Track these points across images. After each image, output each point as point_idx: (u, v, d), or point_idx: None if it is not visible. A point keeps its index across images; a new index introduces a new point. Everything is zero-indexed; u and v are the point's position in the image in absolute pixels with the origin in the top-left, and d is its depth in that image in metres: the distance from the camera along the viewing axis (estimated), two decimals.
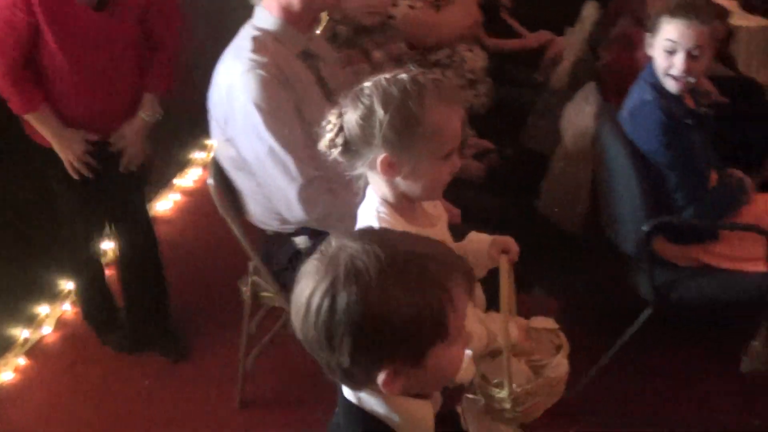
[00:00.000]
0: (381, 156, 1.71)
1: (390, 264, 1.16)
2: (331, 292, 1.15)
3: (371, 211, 1.80)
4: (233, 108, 2.37)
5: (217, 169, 2.54)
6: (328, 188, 2.42)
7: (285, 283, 2.55)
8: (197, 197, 4.05)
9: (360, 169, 1.77)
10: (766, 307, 2.70)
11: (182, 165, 4.31)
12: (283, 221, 2.50)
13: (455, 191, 2.85)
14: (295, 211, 2.40)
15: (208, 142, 4.22)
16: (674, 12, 2.56)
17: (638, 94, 2.71)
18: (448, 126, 1.72)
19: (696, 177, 2.68)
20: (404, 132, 1.68)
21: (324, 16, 2.95)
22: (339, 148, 1.73)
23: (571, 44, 3.65)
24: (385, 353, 1.19)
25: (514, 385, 1.71)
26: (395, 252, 1.18)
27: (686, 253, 2.70)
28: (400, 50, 3.13)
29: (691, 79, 2.62)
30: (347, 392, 1.31)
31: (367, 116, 1.69)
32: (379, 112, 1.67)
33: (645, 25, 2.78)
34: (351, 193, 2.49)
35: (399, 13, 3.20)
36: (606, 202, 2.85)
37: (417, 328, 1.17)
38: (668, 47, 2.57)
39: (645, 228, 2.56)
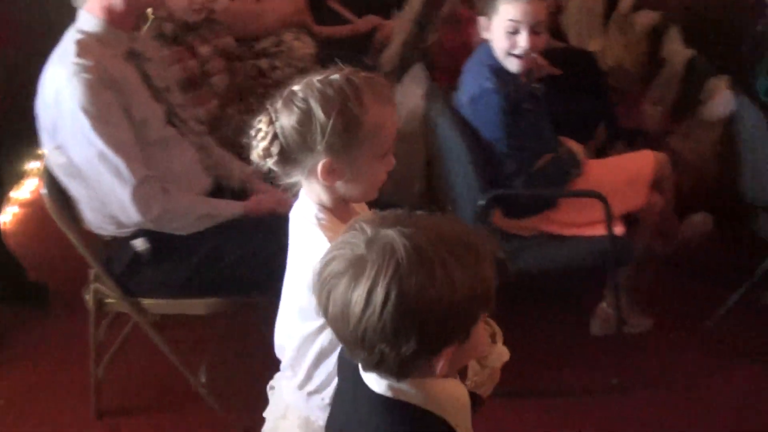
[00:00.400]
0: (322, 162, 1.77)
1: (442, 245, 1.28)
2: (398, 281, 1.24)
3: (309, 218, 1.85)
4: (61, 114, 2.59)
5: (49, 178, 2.74)
6: (162, 188, 2.69)
7: (128, 287, 2.81)
8: (35, 208, 4.31)
9: (295, 177, 1.84)
10: (609, 269, 3.16)
11: (18, 176, 4.54)
12: (120, 225, 2.74)
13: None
14: (131, 213, 2.65)
15: (41, 151, 4.41)
16: None
17: (477, 80, 3.03)
18: (386, 124, 1.80)
19: (529, 154, 3.08)
20: (346, 135, 1.75)
21: (149, 15, 3.18)
22: (274, 158, 1.78)
23: (398, 27, 4.05)
24: (451, 335, 1.31)
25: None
26: (441, 232, 1.30)
27: (526, 224, 3.13)
28: (226, 44, 3.43)
29: (534, 55, 3.02)
30: (378, 387, 1.40)
31: (306, 121, 1.75)
32: (320, 116, 1.74)
33: (474, 4, 3.17)
34: (185, 191, 2.78)
35: (219, 7, 3.49)
36: (441, 179, 3.24)
37: (475, 305, 1.31)
38: (510, 27, 2.92)
39: (481, 202, 2.94)
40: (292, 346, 1.93)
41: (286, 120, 1.76)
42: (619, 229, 3.08)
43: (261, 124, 1.79)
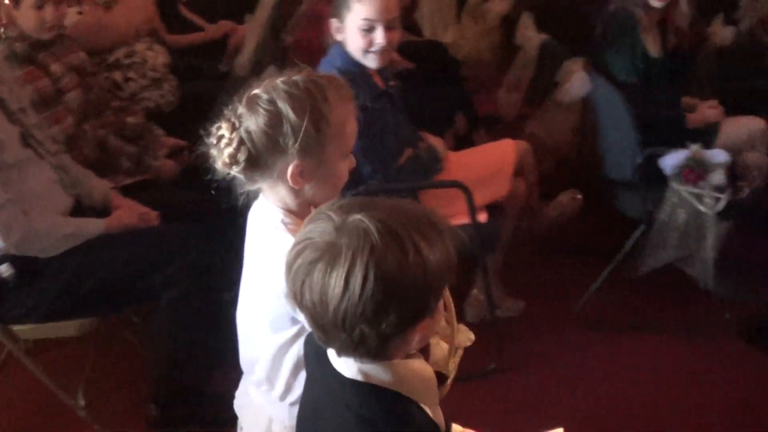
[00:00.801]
0: (293, 164, 1.78)
1: (409, 224, 1.36)
2: (375, 261, 1.31)
3: (274, 223, 1.84)
4: None
5: None
6: (22, 210, 2.67)
7: None
8: None
9: (260, 183, 1.83)
10: (477, 256, 3.28)
11: None
12: None
13: (150, 194, 3.21)
14: None
15: None
16: None
17: None
18: (349, 123, 1.83)
19: (387, 154, 3.14)
20: (317, 135, 1.76)
21: (0, 36, 3.17)
22: (241, 165, 1.77)
23: (250, 31, 4.08)
24: (425, 307, 1.40)
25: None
26: (405, 212, 1.39)
27: None
28: (78, 59, 3.40)
29: (392, 50, 3.09)
30: (350, 371, 1.46)
31: (276, 123, 1.75)
32: (292, 117, 1.74)
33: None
34: (46, 212, 2.77)
35: (68, 22, 3.45)
36: None
37: (444, 276, 1.39)
38: (365, 26, 2.97)
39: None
40: (265, 358, 1.92)
41: (253, 124, 1.76)
42: (482, 217, 3.20)
43: (223, 131, 1.77)
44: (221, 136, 1.78)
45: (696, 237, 3.45)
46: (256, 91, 1.79)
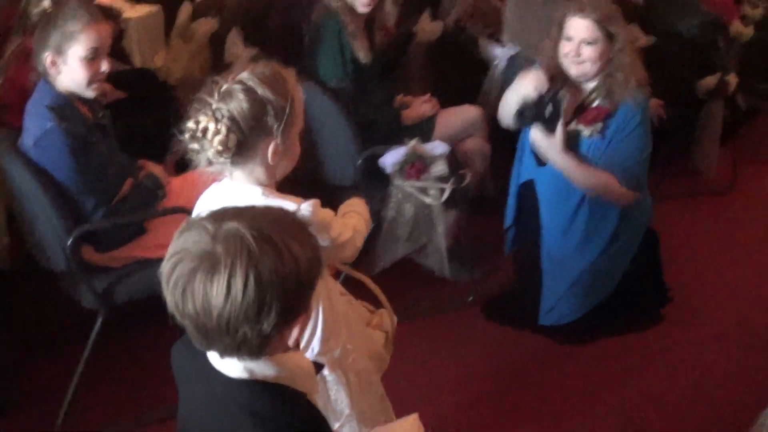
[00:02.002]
0: (274, 142, 2.08)
1: (280, 227, 1.51)
2: (253, 266, 1.44)
3: (255, 197, 2.11)
4: None
5: None
6: None
7: None
8: None
9: (241, 166, 2.11)
10: None
11: None
12: None
13: None
14: None
15: None
16: None
17: (38, 121, 3.04)
18: (302, 101, 2.15)
19: (108, 186, 3.16)
20: (290, 114, 2.08)
21: None
22: (232, 150, 2.04)
23: None
24: (302, 304, 1.55)
25: None
26: (274, 217, 1.54)
27: (119, 254, 3.22)
28: None
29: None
30: (235, 371, 1.58)
31: (260, 107, 2.05)
32: (273, 99, 2.05)
33: None
34: None
35: None
36: (27, 228, 3.25)
37: (314, 273, 1.55)
38: (91, 55, 2.99)
39: (69, 242, 3.00)
40: None
41: (237, 111, 2.02)
42: None
43: (205, 124, 2.02)
44: (206, 129, 2.02)
45: (426, 228, 3.67)
46: (226, 85, 2.05)
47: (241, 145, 2.06)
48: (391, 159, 3.55)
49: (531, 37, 4.00)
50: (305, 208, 2.14)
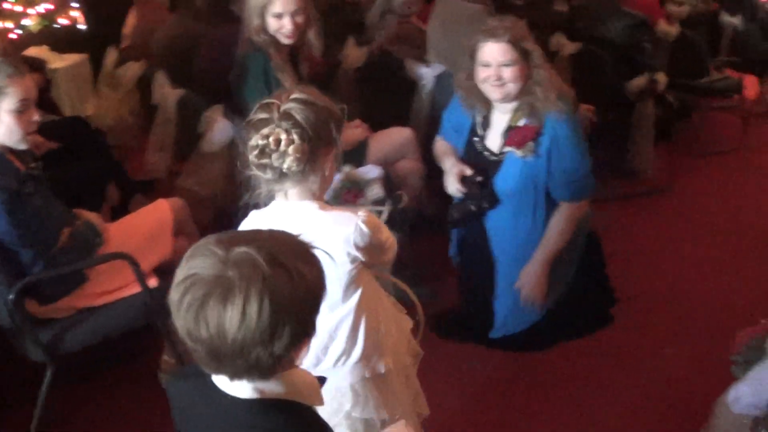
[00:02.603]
0: (334, 150, 2.27)
1: (289, 251, 1.56)
2: (267, 290, 1.49)
3: (312, 212, 2.26)
4: None
5: None
6: None
7: None
8: None
9: (305, 177, 2.22)
10: (156, 322, 3.39)
11: None
12: None
13: None
14: None
15: None
16: None
17: None
18: None
19: (45, 237, 3.21)
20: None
21: None
22: (307, 156, 2.17)
23: None
24: (310, 325, 1.61)
25: None
26: (282, 241, 1.59)
27: (62, 305, 3.27)
28: None
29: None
30: (245, 392, 1.62)
31: (324, 116, 2.20)
32: (333, 109, 2.24)
33: None
34: None
35: None
36: None
37: (321, 294, 1.61)
38: (21, 107, 3.04)
39: (10, 297, 3.05)
40: (343, 333, 2.41)
41: (305, 120, 2.16)
42: (153, 282, 3.34)
43: (276, 135, 2.14)
44: (278, 140, 2.14)
45: None
46: (283, 105, 2.18)
47: (313, 152, 2.20)
48: None
49: (456, 56, 4.10)
50: (362, 216, 2.30)
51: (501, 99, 3.60)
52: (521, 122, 3.62)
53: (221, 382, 1.66)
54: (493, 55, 3.49)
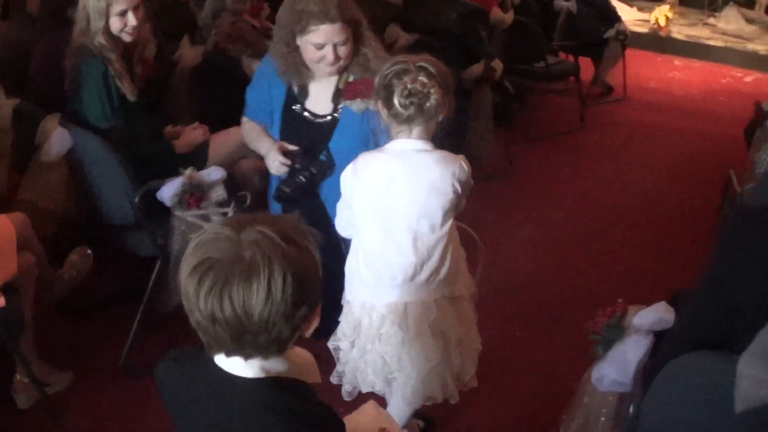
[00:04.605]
0: (448, 101, 3.01)
1: (293, 228, 1.78)
2: (287, 264, 1.70)
3: (425, 150, 3.01)
4: None
5: None
6: None
7: None
8: None
9: (425, 119, 2.96)
10: (6, 342, 3.45)
11: None
12: None
13: None
14: None
15: None
16: None
17: None
18: None
19: None
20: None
21: None
22: (442, 98, 2.94)
23: None
24: (320, 294, 1.82)
25: None
26: (283, 222, 1.80)
27: None
28: None
29: None
30: (251, 371, 1.81)
31: (447, 72, 3.01)
32: (449, 75, 3.02)
33: None
34: None
35: None
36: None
37: (320, 265, 1.81)
38: None
39: None
40: (437, 252, 3.05)
41: (439, 73, 2.95)
42: (0, 302, 3.39)
43: (423, 80, 2.90)
44: (424, 83, 2.90)
45: None
46: (418, 63, 2.95)
47: (443, 98, 2.95)
48: (168, 191, 3.74)
49: None
50: (462, 157, 3.09)
51: (334, 73, 3.70)
52: (351, 79, 3.72)
53: (226, 363, 1.83)
54: (329, 36, 3.55)
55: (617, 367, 2.74)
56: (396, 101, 2.94)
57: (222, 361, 1.84)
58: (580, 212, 5.60)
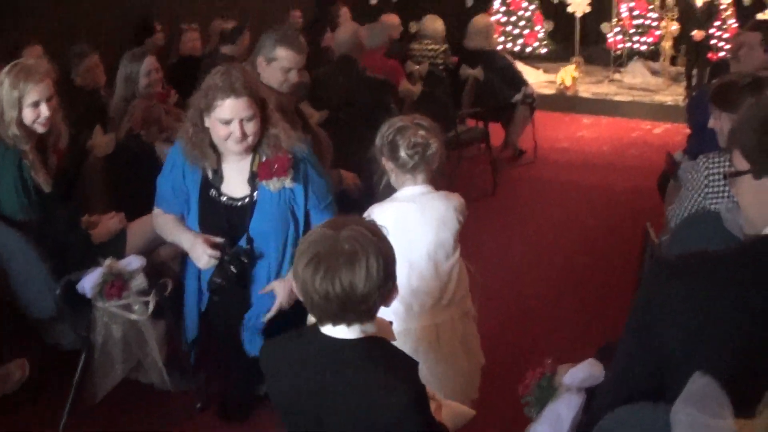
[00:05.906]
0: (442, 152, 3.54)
1: (371, 224, 2.39)
2: (379, 251, 2.29)
3: (429, 193, 3.53)
4: None
5: None
6: None
7: None
8: None
9: (426, 168, 3.48)
10: None
11: None
12: None
13: None
14: None
15: None
16: None
17: None
18: None
19: None
20: None
21: None
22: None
23: None
24: (396, 273, 2.39)
25: None
26: (363, 220, 2.44)
27: None
28: None
29: None
30: (353, 334, 2.35)
31: (437, 132, 3.58)
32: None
33: None
34: None
35: None
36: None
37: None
38: None
39: None
40: (437, 283, 3.53)
41: (431, 128, 3.54)
42: None
43: (424, 134, 3.46)
44: (424, 135, 3.46)
45: (139, 345, 3.94)
46: (415, 121, 3.54)
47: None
48: (89, 282, 3.81)
49: None
50: (458, 195, 3.66)
51: (244, 151, 3.83)
52: (264, 159, 3.86)
53: (332, 331, 2.37)
54: (236, 112, 3.68)
55: (551, 426, 2.78)
56: (402, 153, 3.43)
57: (329, 330, 2.38)
58: (497, 274, 5.75)
